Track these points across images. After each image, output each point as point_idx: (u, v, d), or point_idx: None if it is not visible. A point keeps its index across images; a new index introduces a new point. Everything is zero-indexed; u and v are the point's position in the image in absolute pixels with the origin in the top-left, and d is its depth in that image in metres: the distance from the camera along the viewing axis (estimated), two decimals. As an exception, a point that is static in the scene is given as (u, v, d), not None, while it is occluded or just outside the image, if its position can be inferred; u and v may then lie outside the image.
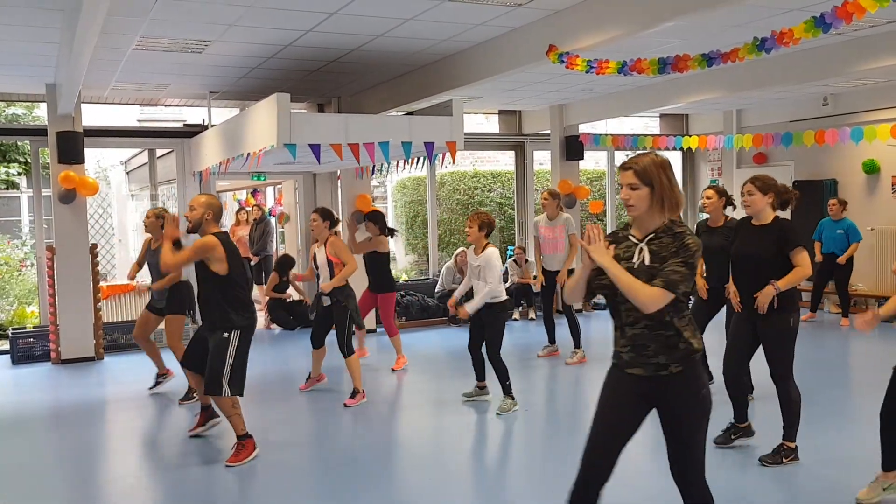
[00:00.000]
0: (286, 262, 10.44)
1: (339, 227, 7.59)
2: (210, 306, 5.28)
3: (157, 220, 6.80)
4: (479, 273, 6.18)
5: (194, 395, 6.79)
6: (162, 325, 7.12)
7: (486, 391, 6.68)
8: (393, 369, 8.01)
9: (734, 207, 6.15)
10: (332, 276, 6.70)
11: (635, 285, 2.93)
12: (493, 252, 6.19)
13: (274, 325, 10.81)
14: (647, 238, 3.04)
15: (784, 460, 4.75)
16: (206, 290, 5.30)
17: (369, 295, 8.10)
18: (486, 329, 6.30)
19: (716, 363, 5.42)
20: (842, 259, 9.65)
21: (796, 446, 4.81)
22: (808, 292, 10.33)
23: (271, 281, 10.29)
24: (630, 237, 3.10)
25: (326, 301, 6.77)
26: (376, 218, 8.03)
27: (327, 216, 6.81)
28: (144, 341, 7.18)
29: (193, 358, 5.55)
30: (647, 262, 2.99)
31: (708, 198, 6.18)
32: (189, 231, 5.41)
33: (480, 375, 6.64)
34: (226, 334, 5.19)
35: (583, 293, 3.20)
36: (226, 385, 5.17)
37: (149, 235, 7.01)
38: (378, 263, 8.01)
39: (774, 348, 4.77)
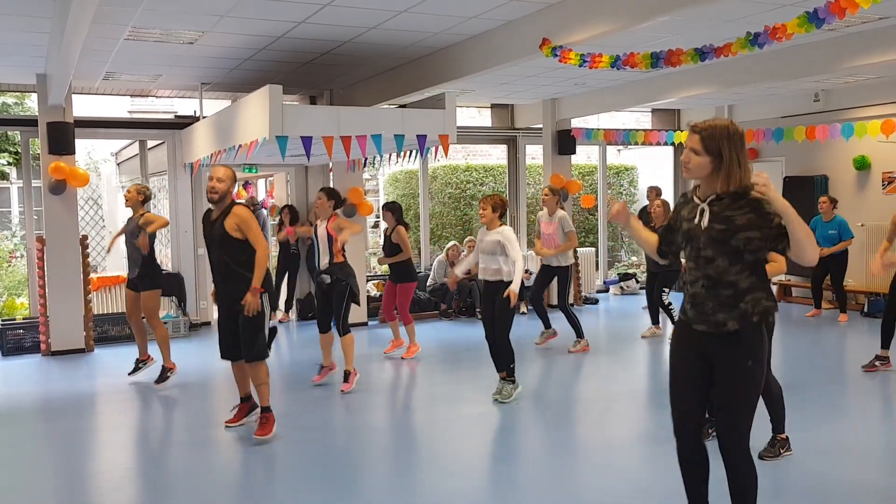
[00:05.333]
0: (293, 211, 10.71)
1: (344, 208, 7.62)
2: (233, 281, 5.31)
3: (137, 195, 7.08)
4: (497, 248, 6.13)
5: (141, 366, 7.34)
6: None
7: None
8: (403, 357, 8.17)
9: None
10: (330, 250, 6.76)
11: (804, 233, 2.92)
12: (509, 228, 6.21)
13: (287, 317, 10.88)
14: (709, 199, 3.07)
15: (781, 451, 4.85)
16: (225, 264, 5.32)
17: (391, 285, 8.21)
18: (496, 309, 6.15)
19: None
20: (825, 251, 9.38)
21: (787, 437, 4.90)
22: (807, 288, 10.42)
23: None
24: (695, 198, 3.15)
25: (327, 279, 6.80)
26: (395, 208, 8.12)
27: (333, 195, 6.93)
28: (136, 321, 7.31)
29: (232, 349, 5.58)
30: (706, 222, 3.05)
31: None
32: (215, 202, 5.39)
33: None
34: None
35: (651, 245, 3.42)
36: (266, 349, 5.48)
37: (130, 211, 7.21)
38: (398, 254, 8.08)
39: None
